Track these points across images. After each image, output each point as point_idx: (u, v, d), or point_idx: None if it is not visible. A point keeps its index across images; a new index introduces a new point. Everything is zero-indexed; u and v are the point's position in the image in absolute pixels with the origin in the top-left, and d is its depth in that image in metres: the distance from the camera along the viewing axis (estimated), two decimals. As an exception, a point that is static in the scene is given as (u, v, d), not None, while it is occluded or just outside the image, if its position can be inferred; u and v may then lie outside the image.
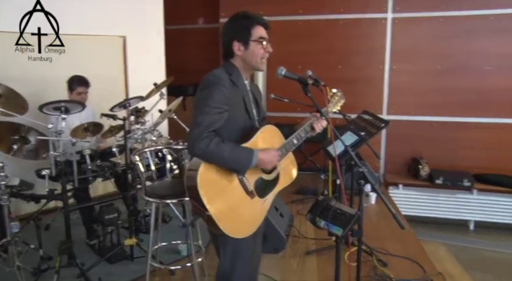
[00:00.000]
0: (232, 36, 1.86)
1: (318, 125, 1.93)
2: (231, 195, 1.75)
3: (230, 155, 1.69)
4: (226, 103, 1.75)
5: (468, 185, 4.67)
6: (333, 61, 5.13)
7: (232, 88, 1.81)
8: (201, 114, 1.71)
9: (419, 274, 2.76)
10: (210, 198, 1.68)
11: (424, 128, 4.99)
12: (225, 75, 1.82)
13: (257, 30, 1.85)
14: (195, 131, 1.68)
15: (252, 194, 1.81)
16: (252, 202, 1.82)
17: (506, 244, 4.46)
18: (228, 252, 1.89)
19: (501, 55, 4.71)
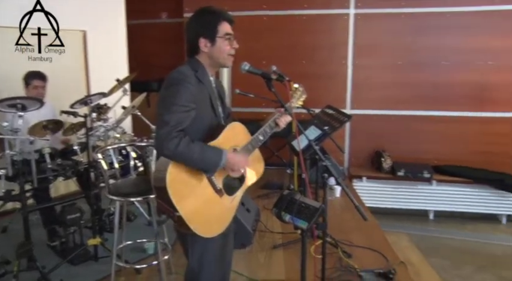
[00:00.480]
0: (199, 32, 1.83)
1: (282, 120, 1.94)
2: (201, 194, 1.74)
3: (199, 156, 1.67)
4: (193, 101, 1.73)
5: (428, 177, 4.84)
6: (297, 56, 5.17)
7: (198, 85, 1.78)
8: (168, 113, 1.67)
9: (383, 264, 2.84)
10: (179, 198, 1.66)
11: (386, 121, 5.12)
12: (191, 72, 1.79)
13: (223, 26, 1.84)
14: (163, 131, 1.65)
15: (220, 192, 1.80)
16: (221, 200, 1.81)
17: (463, 232, 4.66)
18: (197, 252, 1.87)
19: (456, 51, 4.89)
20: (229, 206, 1.85)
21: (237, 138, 1.87)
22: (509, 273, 3.79)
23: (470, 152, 4.97)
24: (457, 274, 3.75)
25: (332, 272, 2.66)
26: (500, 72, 4.82)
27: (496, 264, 3.95)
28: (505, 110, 4.87)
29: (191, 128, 1.73)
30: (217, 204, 1.79)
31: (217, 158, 1.70)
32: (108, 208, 3.68)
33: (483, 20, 4.81)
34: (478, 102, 4.91)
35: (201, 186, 1.74)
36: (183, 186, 1.69)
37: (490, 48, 4.81)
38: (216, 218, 1.80)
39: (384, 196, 4.98)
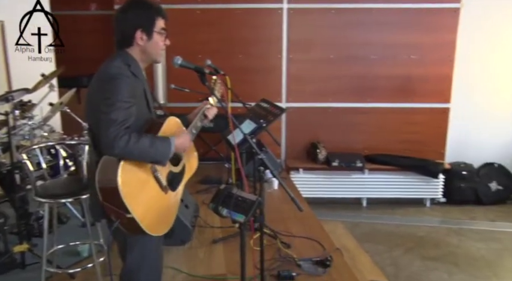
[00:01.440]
0: (136, 24, 1.77)
1: (210, 112, 1.96)
2: (149, 193, 1.71)
3: (151, 149, 1.63)
4: (132, 96, 1.67)
5: (360, 166, 5.06)
6: (233, 50, 5.16)
7: (134, 80, 1.73)
8: (113, 111, 1.59)
9: (320, 252, 2.93)
10: (132, 199, 1.60)
11: (321, 114, 5.28)
12: (125, 66, 1.73)
13: (160, 21, 1.81)
14: (111, 130, 1.57)
15: (166, 188, 1.78)
16: (167, 196, 1.80)
17: (393, 217, 4.95)
18: (137, 252, 1.83)
19: (383, 45, 5.14)
20: (173, 202, 1.84)
21: (175, 132, 1.85)
22: (432, 252, 4.10)
23: (397, 141, 5.27)
24: (388, 257, 3.98)
25: (272, 263, 2.71)
26: (422, 65, 5.13)
27: (421, 245, 4.24)
28: (427, 101, 5.20)
29: (133, 124, 1.67)
30: (164, 201, 1.77)
31: (168, 147, 1.69)
32: (37, 211, 3.47)
33: (407, 17, 5.07)
34: (403, 94, 5.20)
35: (149, 184, 1.71)
36: (134, 186, 1.64)
37: (413, 43, 5.10)
38: (164, 215, 1.79)
39: (319, 186, 5.15)
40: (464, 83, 5.19)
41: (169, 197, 1.81)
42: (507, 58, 5.24)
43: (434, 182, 5.16)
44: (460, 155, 5.39)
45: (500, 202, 5.32)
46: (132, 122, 1.64)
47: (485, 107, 5.31)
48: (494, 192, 5.33)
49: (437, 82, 5.15)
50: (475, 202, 5.29)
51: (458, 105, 5.22)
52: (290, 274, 2.54)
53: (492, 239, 4.38)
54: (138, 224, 1.63)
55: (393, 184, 5.16)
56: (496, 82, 5.29)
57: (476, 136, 5.38)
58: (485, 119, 5.33)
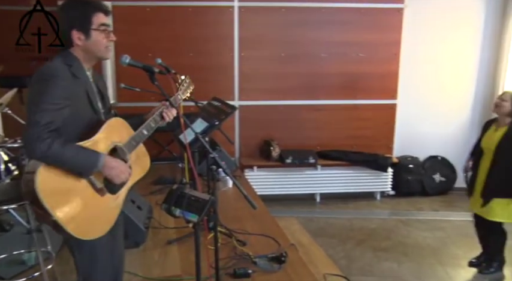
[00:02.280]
0: (71, 24, 1.70)
1: (167, 114, 1.91)
2: (79, 195, 1.63)
3: (74, 159, 1.57)
4: (66, 98, 1.60)
5: (313, 162, 5.17)
6: (184, 49, 5.10)
7: (73, 81, 1.66)
8: (38, 112, 1.54)
9: (275, 248, 2.96)
10: (53, 201, 1.53)
11: (274, 111, 5.33)
12: (64, 66, 1.66)
13: (98, 17, 1.72)
14: (33, 131, 1.51)
15: (102, 191, 1.71)
16: (103, 199, 1.72)
17: (346, 211, 5.10)
18: (85, 255, 1.77)
19: (333, 43, 5.26)
20: (112, 206, 1.77)
21: (119, 134, 1.79)
22: (383, 243, 4.26)
23: (348, 136, 5.43)
24: (341, 250, 4.09)
25: (227, 262, 2.71)
26: (370, 63, 5.31)
27: (372, 237, 4.39)
28: (375, 97, 5.39)
29: (68, 127, 1.61)
30: (98, 204, 1.70)
31: (92, 162, 1.62)
32: (-23, 219, 3.27)
33: (354, 16, 5.23)
34: (352, 91, 5.36)
35: (79, 186, 1.64)
36: (57, 188, 1.58)
37: (361, 41, 5.27)
38: (98, 219, 1.71)
39: (274, 184, 5.20)
40: (410, 79, 5.43)
41: (107, 200, 1.75)
42: (449, 55, 5.51)
43: (383, 175, 5.36)
44: (406, 149, 5.63)
45: (443, 192, 5.62)
46: (59, 124, 1.59)
47: (429, 103, 5.57)
48: (438, 183, 5.62)
49: (385, 79, 5.36)
50: (421, 193, 5.56)
51: (404, 101, 5.45)
52: (246, 271, 2.55)
53: (437, 228, 4.62)
54: (63, 227, 1.57)
55: (345, 179, 5.31)
56: (439, 79, 5.55)
57: (421, 131, 5.63)
58: (429, 114, 5.60)
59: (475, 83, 5.60)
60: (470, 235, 3.91)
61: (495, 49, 5.49)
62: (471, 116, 5.65)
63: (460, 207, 5.09)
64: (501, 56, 5.42)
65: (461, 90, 5.61)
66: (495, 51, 5.49)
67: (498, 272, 3.71)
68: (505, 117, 3.43)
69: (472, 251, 3.89)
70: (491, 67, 5.54)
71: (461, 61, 5.55)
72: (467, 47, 5.52)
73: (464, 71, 5.58)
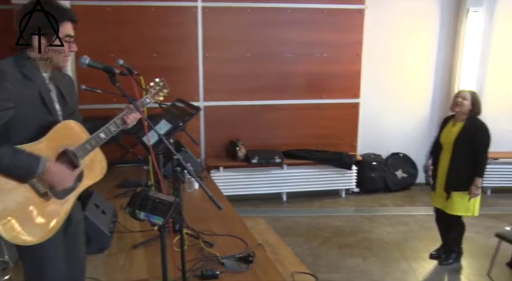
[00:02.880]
0: (37, 26, 1.65)
1: (130, 117, 1.86)
2: (18, 199, 1.57)
3: (10, 162, 1.51)
4: (11, 99, 1.54)
5: (279, 162, 5.21)
6: (147, 49, 5.02)
7: (23, 82, 1.60)
8: None
9: (243, 248, 2.96)
10: None
11: (239, 111, 5.34)
12: (14, 68, 1.60)
13: (65, 26, 1.68)
14: None
15: (46, 196, 1.65)
16: (48, 204, 1.66)
17: (312, 209, 5.17)
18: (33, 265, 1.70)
19: (297, 44, 5.32)
20: (58, 210, 1.70)
21: (71, 137, 1.73)
22: (348, 240, 4.34)
23: (313, 135, 5.51)
24: (308, 248, 4.15)
25: (195, 263, 2.69)
26: (333, 63, 5.40)
27: (338, 234, 4.48)
28: (339, 96, 5.49)
29: (17, 129, 1.56)
30: (41, 209, 1.63)
31: (31, 166, 1.55)
32: None
33: (318, 17, 5.30)
34: (317, 91, 5.44)
35: (20, 190, 1.58)
36: None
37: (325, 41, 5.35)
38: (39, 224, 1.64)
39: (240, 184, 5.21)
40: (372, 79, 5.57)
41: (53, 205, 1.68)
42: (408, 56, 5.69)
43: (348, 173, 5.46)
44: (369, 147, 5.76)
45: (405, 188, 5.80)
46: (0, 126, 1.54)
47: (390, 102, 5.73)
48: (400, 179, 5.79)
49: (348, 79, 5.47)
50: (384, 189, 5.71)
51: (367, 100, 5.58)
52: (214, 272, 2.53)
53: (400, 223, 4.75)
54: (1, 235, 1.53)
55: (311, 177, 5.38)
56: (399, 78, 5.72)
57: (383, 129, 5.78)
58: (391, 112, 5.76)
59: (433, 82, 5.80)
60: (431, 228, 4.06)
61: (450, 50, 5.71)
62: (430, 114, 5.85)
63: (422, 202, 5.27)
64: (456, 56, 5.65)
65: (420, 89, 5.81)
66: (450, 52, 5.72)
67: (456, 262, 3.87)
68: (463, 115, 3.57)
69: (433, 243, 4.04)
70: (446, 67, 5.76)
71: (420, 61, 5.74)
72: (425, 47, 5.71)
73: (422, 70, 5.77)
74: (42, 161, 1.57)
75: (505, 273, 3.76)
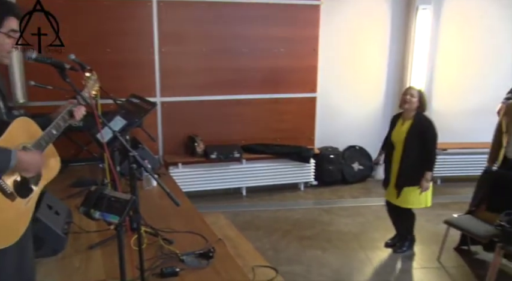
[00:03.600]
0: None
1: (77, 111, 1.81)
2: None
3: None
4: None
5: (238, 156, 5.22)
6: (101, 44, 4.86)
7: None
8: None
9: (203, 244, 2.95)
10: None
11: (197, 107, 5.29)
12: None
13: (11, 21, 1.60)
14: None
15: (12, 196, 1.59)
16: (14, 204, 1.60)
17: (272, 203, 5.21)
18: None
19: (254, 39, 5.33)
20: (24, 210, 1.65)
21: (27, 134, 1.67)
22: (308, 232, 4.42)
23: (271, 130, 5.55)
24: (268, 241, 4.19)
25: (154, 262, 2.64)
26: (290, 58, 5.45)
27: (297, 227, 4.55)
28: (296, 91, 5.56)
29: None
30: (9, 210, 1.58)
31: (4, 160, 1.50)
32: None
33: (274, 12, 5.33)
34: (274, 85, 5.48)
35: None
36: None
37: (281, 37, 5.39)
38: (8, 226, 1.59)
39: (199, 180, 5.18)
40: (328, 73, 5.67)
41: (18, 205, 1.63)
42: (364, 51, 5.84)
43: (306, 166, 5.56)
44: (327, 140, 5.88)
45: (362, 180, 5.97)
46: None
47: (346, 96, 5.87)
48: (357, 171, 5.95)
49: (305, 73, 5.54)
50: (341, 181, 5.85)
51: (324, 94, 5.68)
52: (174, 270, 2.51)
53: (357, 214, 4.90)
54: None
55: (270, 172, 5.43)
56: (354, 72, 5.86)
57: (340, 122, 5.92)
58: (347, 106, 5.90)
59: (386, 77, 5.99)
60: (386, 218, 4.20)
61: (402, 46, 5.91)
62: (383, 108, 6.04)
63: (377, 193, 5.43)
64: (407, 52, 5.86)
65: (374, 84, 5.98)
66: (402, 48, 5.92)
67: (409, 250, 4.04)
68: (411, 112, 3.71)
69: (388, 233, 4.19)
70: (399, 62, 5.96)
71: (373, 56, 5.91)
72: (378, 43, 5.88)
73: (376, 65, 5.94)
74: (13, 153, 1.52)
75: (453, 257, 3.98)
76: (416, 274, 3.73)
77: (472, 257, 3.99)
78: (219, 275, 2.57)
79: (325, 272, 3.67)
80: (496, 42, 5.94)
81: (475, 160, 5.78)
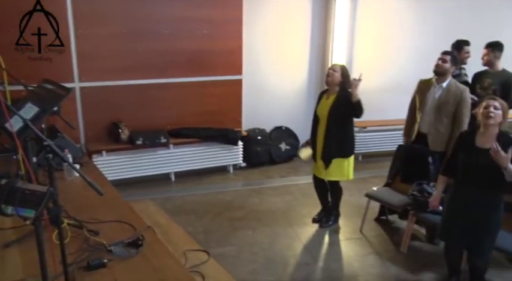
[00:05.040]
0: None
1: None
2: None
3: None
4: None
5: (165, 142, 5.12)
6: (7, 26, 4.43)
7: None
8: None
9: (131, 233, 2.88)
10: None
11: (120, 92, 5.07)
12: None
13: None
14: None
15: None
16: None
17: (201, 186, 5.20)
18: None
19: (175, 20, 5.16)
20: None
21: None
22: (238, 213, 4.49)
23: (198, 113, 5.49)
24: (200, 225, 4.20)
25: (80, 255, 2.53)
26: (214, 40, 5.38)
27: (228, 208, 4.60)
28: (222, 73, 5.52)
29: None
30: None
31: None
32: None
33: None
34: (199, 68, 5.39)
35: None
36: None
37: (204, 18, 5.28)
38: None
39: (126, 167, 5.02)
40: (253, 55, 5.69)
41: None
42: (288, 32, 5.92)
43: (234, 149, 5.60)
44: (254, 122, 5.95)
45: (289, 159, 6.14)
46: None
47: (271, 77, 5.96)
48: (284, 151, 6.11)
49: (229, 55, 5.51)
50: (269, 162, 5.98)
51: (249, 76, 5.70)
52: (101, 261, 2.42)
53: (285, 193, 5.04)
54: None
55: (198, 155, 5.40)
56: (278, 54, 5.94)
57: (266, 104, 6.01)
58: (272, 88, 5.99)
59: (309, 58, 6.15)
60: (313, 195, 4.38)
61: (323, 27, 6.09)
62: (307, 89, 6.22)
63: (304, 171, 5.64)
64: (328, 33, 6.06)
65: (298, 65, 6.13)
66: (323, 29, 6.10)
67: (335, 224, 4.26)
68: (335, 87, 3.85)
69: (315, 209, 4.38)
70: (321, 43, 6.15)
71: (297, 38, 6.03)
72: (301, 24, 6.01)
73: (299, 47, 6.07)
74: None
75: (373, 227, 4.26)
76: (342, 246, 3.95)
77: (389, 226, 4.31)
78: (150, 263, 2.53)
79: (256, 250, 3.76)
80: (407, 26, 6.33)
81: (392, 136, 6.20)
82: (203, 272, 2.81)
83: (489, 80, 4.55)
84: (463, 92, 3.85)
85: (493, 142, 2.71)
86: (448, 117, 3.89)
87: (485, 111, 2.80)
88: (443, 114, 3.89)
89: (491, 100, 2.85)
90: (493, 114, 2.77)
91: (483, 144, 2.84)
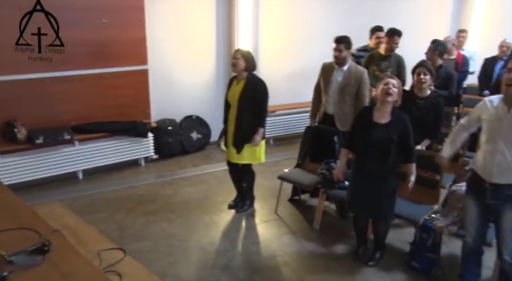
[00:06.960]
0: None
1: None
2: None
3: None
4: None
5: (69, 138, 4.81)
6: None
7: None
8: None
9: (36, 239, 2.70)
10: None
11: (11, 87, 4.61)
12: None
13: None
14: None
15: None
16: None
17: (111, 182, 5.00)
18: None
19: (72, 9, 4.77)
20: None
21: None
22: (152, 206, 4.41)
23: (104, 107, 5.21)
24: (112, 222, 4.06)
25: (-25, 271, 2.33)
26: (115, 29, 5.11)
27: (141, 202, 4.49)
28: (125, 64, 5.28)
29: None
30: None
31: None
32: None
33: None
34: (101, 59, 5.08)
35: None
36: None
37: (103, 7, 4.99)
38: None
39: (26, 169, 4.63)
40: (158, 44, 5.52)
41: None
42: (193, 20, 5.81)
43: (144, 141, 5.44)
44: (163, 113, 5.82)
45: (201, 148, 6.13)
46: None
47: (179, 66, 5.83)
48: (196, 140, 6.08)
49: (132, 45, 5.29)
50: (182, 152, 5.91)
51: (156, 65, 5.53)
52: (1, 275, 2.24)
53: (199, 182, 5.05)
54: None
55: (107, 151, 5.16)
56: (185, 42, 5.82)
57: (175, 93, 5.89)
58: (180, 77, 5.87)
59: (215, 45, 6.12)
60: (227, 182, 4.44)
61: (228, 14, 6.08)
62: (216, 76, 6.21)
63: (216, 159, 5.67)
64: (233, 21, 6.08)
65: (205, 52, 6.07)
66: (228, 16, 6.09)
67: (251, 208, 4.37)
68: (242, 73, 3.91)
69: (230, 195, 4.44)
70: (226, 31, 6.14)
71: (202, 26, 5.95)
72: (205, 13, 5.93)
73: (205, 34, 6.01)
74: None
75: (288, 208, 4.45)
76: (259, 228, 4.07)
77: (303, 205, 4.53)
78: (58, 269, 2.39)
79: (173, 242, 3.73)
80: (311, 9, 6.58)
81: (301, 118, 6.47)
82: (120, 271, 2.73)
83: (386, 62, 5.02)
84: (363, 74, 4.18)
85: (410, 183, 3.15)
86: (351, 97, 4.17)
87: (385, 88, 3.08)
88: (347, 95, 4.16)
89: (391, 78, 3.14)
90: (391, 91, 3.05)
91: (379, 119, 3.11)
